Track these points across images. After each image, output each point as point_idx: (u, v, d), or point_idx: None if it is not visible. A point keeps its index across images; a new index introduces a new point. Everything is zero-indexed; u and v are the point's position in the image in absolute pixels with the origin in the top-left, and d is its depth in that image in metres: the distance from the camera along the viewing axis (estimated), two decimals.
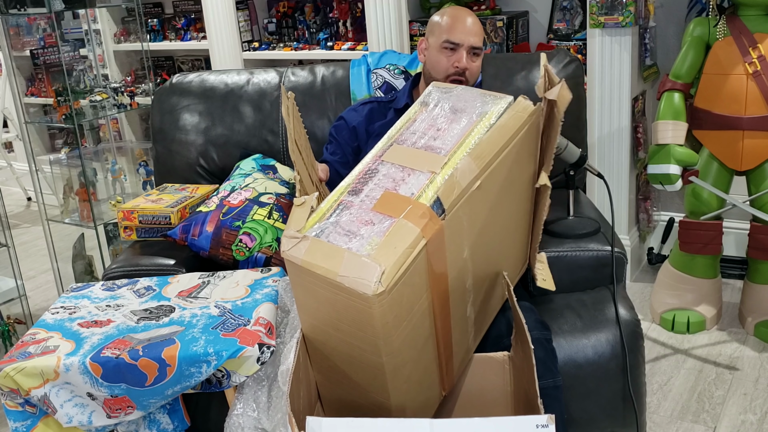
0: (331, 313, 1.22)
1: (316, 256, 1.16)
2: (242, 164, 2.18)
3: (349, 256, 1.14)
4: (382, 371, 1.24)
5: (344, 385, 1.36)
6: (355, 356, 1.26)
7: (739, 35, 2.39)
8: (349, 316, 1.18)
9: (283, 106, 1.53)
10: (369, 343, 1.20)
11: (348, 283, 1.12)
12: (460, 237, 1.28)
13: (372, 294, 1.10)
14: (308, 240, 1.18)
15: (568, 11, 3.10)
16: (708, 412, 2.23)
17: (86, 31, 3.98)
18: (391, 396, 1.29)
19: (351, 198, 1.27)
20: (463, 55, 1.91)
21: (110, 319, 1.63)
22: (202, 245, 1.94)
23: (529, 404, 1.33)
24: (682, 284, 2.68)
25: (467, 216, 1.28)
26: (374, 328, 1.16)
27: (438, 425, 1.13)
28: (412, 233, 1.17)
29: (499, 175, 1.36)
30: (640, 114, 2.95)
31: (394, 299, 1.15)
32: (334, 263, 1.14)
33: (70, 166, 3.10)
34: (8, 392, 1.51)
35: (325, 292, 1.18)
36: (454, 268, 1.28)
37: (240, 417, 1.48)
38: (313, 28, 3.59)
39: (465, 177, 1.26)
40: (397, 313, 1.18)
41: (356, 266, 1.12)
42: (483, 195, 1.31)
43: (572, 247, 1.82)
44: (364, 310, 1.14)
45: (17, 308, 2.91)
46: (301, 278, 1.21)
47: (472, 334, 1.49)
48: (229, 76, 2.38)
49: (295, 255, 1.18)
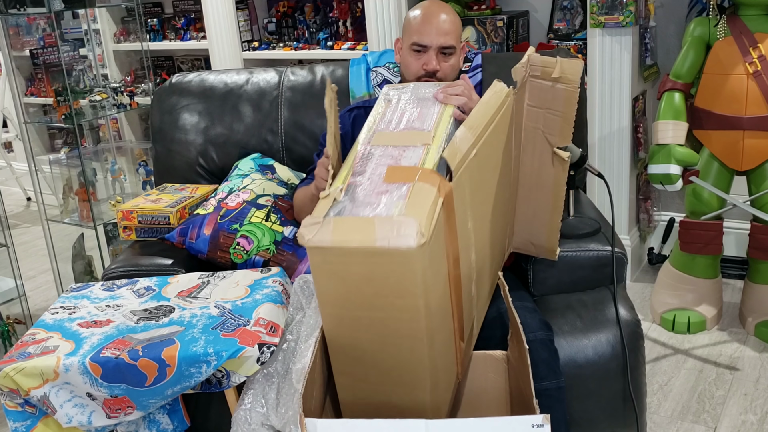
0: (365, 292, 1.19)
1: (345, 233, 1.14)
2: (240, 164, 2.18)
3: (380, 221, 1.13)
4: (421, 340, 1.22)
5: (371, 380, 1.33)
6: (389, 334, 1.23)
7: (740, 35, 2.39)
8: (388, 286, 1.16)
9: (326, 98, 1.47)
10: (408, 309, 1.18)
11: (389, 244, 1.11)
12: (464, 205, 1.30)
13: (416, 246, 1.09)
14: (330, 221, 1.16)
15: (569, 11, 3.10)
16: (708, 413, 2.23)
17: (86, 31, 3.98)
18: (429, 371, 1.27)
19: (357, 178, 1.28)
20: (432, 56, 1.83)
21: (110, 319, 1.63)
22: (199, 248, 1.93)
23: (525, 403, 1.33)
24: (683, 284, 2.68)
25: (468, 184, 1.30)
26: (416, 287, 1.15)
27: (433, 425, 1.12)
28: (431, 192, 1.18)
29: (491, 148, 1.41)
30: (640, 114, 2.95)
31: (432, 252, 1.15)
32: (368, 232, 1.12)
33: (69, 166, 3.10)
34: (8, 392, 1.51)
35: (360, 267, 1.16)
36: (462, 237, 1.30)
37: (248, 412, 1.48)
38: (313, 27, 3.59)
39: (464, 143, 1.29)
40: (434, 270, 1.17)
41: (392, 227, 1.11)
42: (479, 164, 1.35)
43: (572, 247, 1.82)
44: (406, 269, 1.13)
45: (17, 308, 2.91)
46: (330, 265, 1.18)
47: (474, 318, 1.50)
48: (228, 75, 2.38)
49: (322, 239, 1.14)
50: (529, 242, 1.76)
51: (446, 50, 1.85)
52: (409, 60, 1.88)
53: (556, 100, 1.53)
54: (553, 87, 1.52)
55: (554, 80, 1.51)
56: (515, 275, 1.87)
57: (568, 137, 1.57)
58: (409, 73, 1.89)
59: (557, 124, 1.56)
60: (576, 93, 1.51)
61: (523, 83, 1.55)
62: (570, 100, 1.51)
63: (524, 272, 1.86)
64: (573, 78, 1.49)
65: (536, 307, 1.72)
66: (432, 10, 1.85)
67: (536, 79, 1.54)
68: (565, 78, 1.50)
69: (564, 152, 1.58)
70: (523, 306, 1.64)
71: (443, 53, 1.85)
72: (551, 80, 1.51)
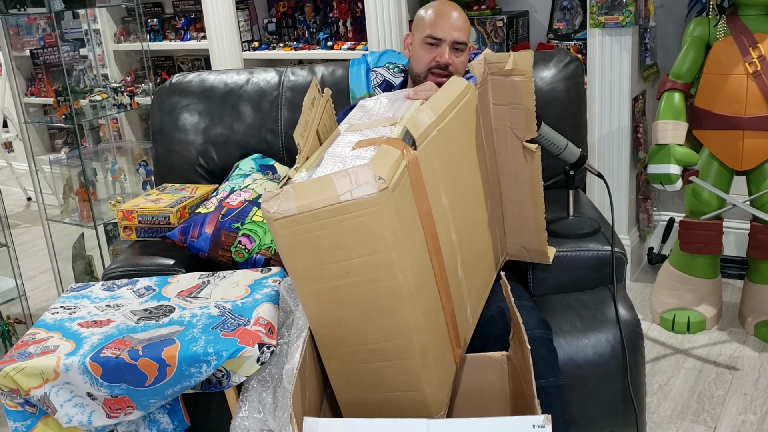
0: (337, 257, 1.19)
1: (307, 196, 1.14)
2: (241, 164, 2.18)
3: (337, 177, 1.14)
4: (400, 298, 1.22)
5: (359, 359, 1.32)
6: (368, 300, 1.23)
7: (739, 35, 2.39)
8: (359, 243, 1.17)
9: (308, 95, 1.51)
10: (383, 264, 1.19)
11: (352, 196, 1.12)
12: (435, 178, 1.32)
13: (378, 191, 1.11)
14: (289, 189, 1.16)
15: (568, 11, 3.10)
16: (708, 412, 2.23)
17: (86, 31, 3.98)
18: (414, 335, 1.27)
19: (329, 153, 1.35)
20: (445, 50, 1.89)
21: (110, 319, 1.63)
22: (201, 247, 1.94)
23: (526, 404, 1.33)
24: (682, 284, 2.68)
25: (436, 158, 1.34)
26: (386, 238, 1.16)
27: (434, 425, 1.12)
28: (395, 153, 1.21)
29: (456, 130, 1.46)
30: (640, 114, 2.95)
31: (397, 201, 1.16)
32: (329, 190, 1.13)
33: (70, 166, 3.10)
34: (8, 392, 1.51)
35: (329, 230, 1.16)
36: (436, 210, 1.32)
37: (246, 419, 1.47)
38: (313, 27, 3.59)
39: (425, 120, 1.34)
40: (402, 223, 1.18)
41: (350, 179, 1.12)
42: (446, 143, 1.40)
43: (572, 247, 1.82)
44: (374, 219, 1.14)
45: (17, 308, 2.91)
46: (299, 235, 1.18)
47: (468, 306, 1.50)
48: (228, 75, 2.38)
49: (287, 209, 1.15)
50: (522, 248, 1.77)
51: (459, 46, 1.91)
52: (420, 53, 1.92)
53: (515, 93, 1.57)
54: (509, 81, 1.56)
55: (508, 73, 1.55)
56: (515, 275, 1.87)
57: (532, 129, 1.60)
58: (420, 65, 1.93)
59: (521, 117, 1.59)
60: (530, 83, 1.54)
61: (485, 81, 1.59)
62: (527, 91, 1.55)
63: (524, 272, 1.87)
64: (525, 68, 1.53)
65: (534, 305, 1.73)
66: (446, 7, 1.93)
67: (495, 76, 1.58)
68: (518, 69, 1.54)
69: (532, 144, 1.61)
70: (521, 304, 1.65)
71: (456, 48, 1.91)
72: (506, 73, 1.55)
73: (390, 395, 1.34)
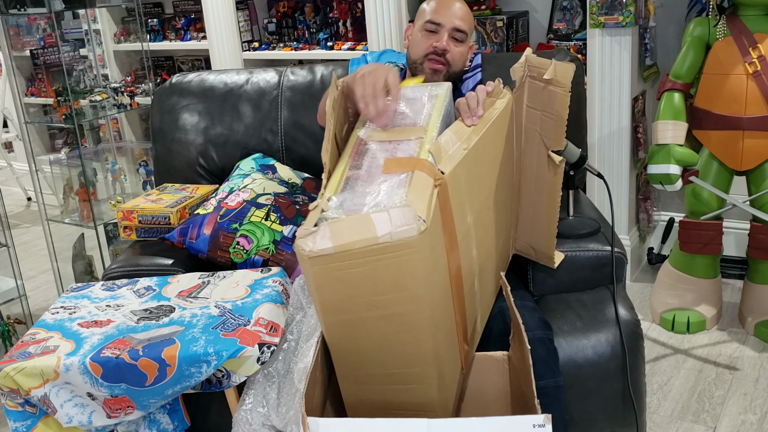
0: (365, 291, 1.17)
1: (345, 235, 1.11)
2: (242, 164, 2.18)
3: (376, 216, 1.11)
4: (425, 331, 1.21)
5: (376, 381, 1.32)
6: (391, 332, 1.22)
7: (739, 35, 2.39)
8: (388, 281, 1.15)
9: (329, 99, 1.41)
10: (411, 301, 1.17)
11: (392, 238, 1.09)
12: (461, 199, 1.30)
13: (418, 234, 1.09)
14: (325, 227, 1.12)
15: (568, 11, 3.10)
16: (708, 412, 2.23)
17: (86, 31, 3.99)
18: (434, 364, 1.26)
19: (354, 171, 1.28)
20: (444, 36, 1.86)
21: (110, 319, 1.63)
22: (199, 248, 1.94)
23: (526, 404, 1.33)
24: (682, 284, 2.68)
25: (464, 177, 1.31)
26: (417, 276, 1.14)
27: (435, 425, 1.12)
28: (428, 181, 1.20)
29: (488, 143, 1.43)
30: (640, 114, 2.95)
31: (432, 238, 1.15)
32: (368, 230, 1.10)
33: (70, 166, 3.10)
34: (8, 392, 1.51)
35: (362, 267, 1.13)
36: (460, 229, 1.30)
37: (249, 412, 1.48)
38: (313, 28, 3.59)
39: (449, 144, 1.32)
40: (434, 259, 1.17)
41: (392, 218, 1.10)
42: (475, 157, 1.37)
43: (572, 247, 1.82)
44: (408, 259, 1.12)
45: (17, 308, 2.91)
46: (332, 271, 1.14)
47: (479, 315, 1.50)
48: (228, 75, 2.38)
49: (323, 248, 1.11)
50: (530, 246, 1.77)
51: (458, 34, 1.87)
52: (419, 38, 1.89)
53: (551, 102, 1.54)
54: (545, 89, 1.53)
55: (546, 82, 1.52)
56: (515, 275, 1.87)
57: (561, 141, 1.58)
58: (417, 51, 1.89)
59: (552, 126, 1.57)
60: (566, 96, 1.52)
61: (522, 83, 1.56)
62: (562, 103, 1.53)
63: (524, 272, 1.87)
64: (564, 81, 1.51)
65: (536, 306, 1.73)
66: None
67: (534, 80, 1.55)
68: (557, 81, 1.51)
69: (557, 156, 1.59)
70: (523, 305, 1.65)
71: (455, 38, 1.87)
72: (544, 82, 1.52)
73: (402, 413, 1.33)
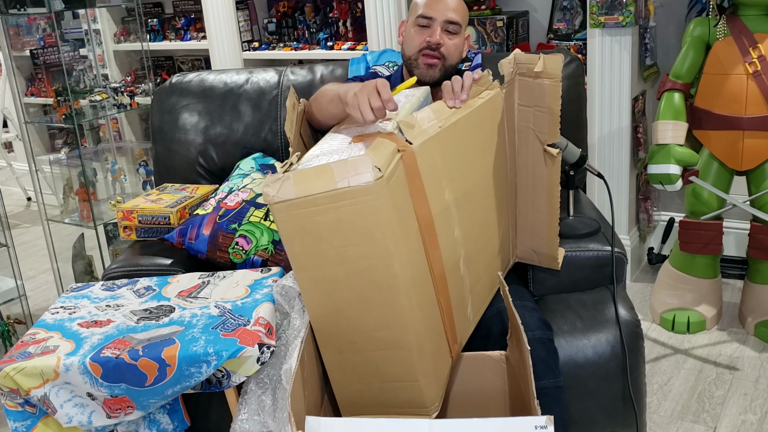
0: (335, 244, 1.22)
1: (306, 183, 1.18)
2: (242, 164, 2.18)
3: (336, 165, 1.17)
4: (396, 287, 1.24)
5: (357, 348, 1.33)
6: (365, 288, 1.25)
7: (739, 35, 2.39)
8: (356, 231, 1.19)
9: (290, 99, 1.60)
10: (380, 254, 1.21)
11: (349, 183, 1.15)
12: (436, 173, 1.33)
13: (374, 180, 1.14)
14: (290, 176, 1.20)
15: (568, 11, 3.10)
16: (708, 412, 2.23)
17: (86, 31, 3.98)
18: (410, 325, 1.28)
19: (327, 145, 1.37)
20: (437, 29, 1.83)
21: (110, 319, 1.63)
22: (199, 248, 1.94)
23: (525, 404, 1.33)
24: (682, 284, 2.68)
25: (439, 154, 1.35)
26: (381, 226, 1.19)
27: (436, 425, 1.13)
28: (390, 146, 1.25)
29: (470, 127, 1.46)
30: (640, 114, 2.95)
31: (393, 191, 1.19)
32: (328, 178, 1.17)
33: (70, 166, 3.10)
34: (8, 392, 1.51)
35: (326, 216, 1.19)
36: (436, 204, 1.33)
37: (245, 422, 1.48)
38: (313, 28, 3.59)
39: (424, 120, 1.36)
40: (398, 213, 1.21)
41: (349, 167, 1.16)
42: (455, 139, 1.41)
43: (572, 247, 1.82)
44: (371, 208, 1.17)
45: (17, 308, 2.91)
46: (297, 219, 1.21)
47: (469, 303, 1.50)
48: (228, 75, 2.38)
49: (285, 193, 1.18)
50: (532, 250, 1.77)
51: (452, 26, 1.84)
52: (412, 34, 1.87)
53: (542, 96, 1.56)
54: (537, 83, 1.55)
55: (537, 75, 1.54)
56: (515, 275, 1.87)
57: (556, 133, 1.59)
58: (411, 47, 1.87)
59: (545, 120, 1.58)
60: (558, 87, 1.53)
61: (512, 81, 1.58)
62: (554, 95, 1.54)
63: (524, 272, 1.87)
64: (554, 72, 1.52)
65: (536, 306, 1.73)
66: None
67: (523, 77, 1.57)
68: (547, 72, 1.53)
69: (553, 149, 1.60)
70: (522, 305, 1.65)
71: (448, 31, 1.84)
72: (534, 75, 1.54)
73: (386, 386, 1.34)
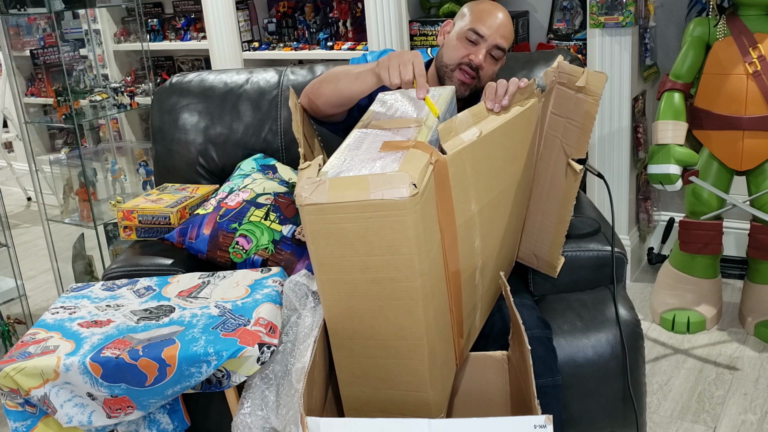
0: (360, 251, 1.22)
1: (341, 190, 1.19)
2: (243, 164, 2.18)
3: (373, 177, 1.18)
4: (416, 299, 1.24)
5: (369, 353, 1.33)
6: (385, 297, 1.26)
7: (739, 35, 2.39)
8: (382, 241, 1.20)
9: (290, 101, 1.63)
10: (403, 266, 1.21)
11: (382, 196, 1.16)
12: (465, 184, 1.33)
13: (408, 196, 1.15)
14: (326, 180, 1.20)
15: (568, 11, 3.10)
16: (708, 412, 2.23)
17: (86, 31, 3.98)
18: (425, 337, 1.28)
19: (355, 151, 1.34)
20: (483, 50, 1.77)
21: (110, 319, 1.63)
22: (199, 248, 1.94)
23: (525, 403, 1.33)
24: (682, 284, 2.68)
25: (471, 164, 1.34)
26: (409, 240, 1.19)
27: (436, 425, 1.13)
28: (423, 157, 1.24)
29: (503, 137, 1.44)
30: (640, 114, 2.95)
31: (424, 206, 1.19)
32: (362, 188, 1.17)
33: (70, 166, 3.10)
34: (8, 392, 1.51)
35: (355, 224, 1.19)
36: (461, 215, 1.32)
37: (248, 416, 1.48)
38: (313, 28, 3.59)
39: (462, 125, 1.35)
40: (425, 227, 1.21)
41: (385, 181, 1.17)
42: (487, 148, 1.39)
43: (572, 247, 1.82)
44: (400, 221, 1.17)
45: (17, 308, 2.91)
46: (326, 223, 1.21)
47: (479, 311, 1.50)
48: (228, 75, 2.38)
49: (319, 197, 1.19)
50: (532, 254, 1.77)
51: (497, 52, 1.80)
52: (456, 44, 1.80)
53: (577, 110, 1.53)
54: (576, 96, 1.52)
55: (578, 89, 1.51)
56: (515, 275, 1.87)
57: (583, 149, 1.57)
58: (452, 57, 1.81)
59: (575, 135, 1.56)
60: (596, 106, 1.51)
61: (551, 89, 1.55)
62: (590, 113, 1.52)
63: (524, 272, 1.87)
64: (596, 90, 1.49)
65: (534, 305, 1.73)
66: (499, 10, 1.81)
67: (562, 87, 1.54)
68: (589, 89, 1.50)
69: (577, 165, 1.58)
70: (521, 303, 1.65)
71: (492, 55, 1.80)
72: (575, 89, 1.51)
73: (394, 393, 1.35)
